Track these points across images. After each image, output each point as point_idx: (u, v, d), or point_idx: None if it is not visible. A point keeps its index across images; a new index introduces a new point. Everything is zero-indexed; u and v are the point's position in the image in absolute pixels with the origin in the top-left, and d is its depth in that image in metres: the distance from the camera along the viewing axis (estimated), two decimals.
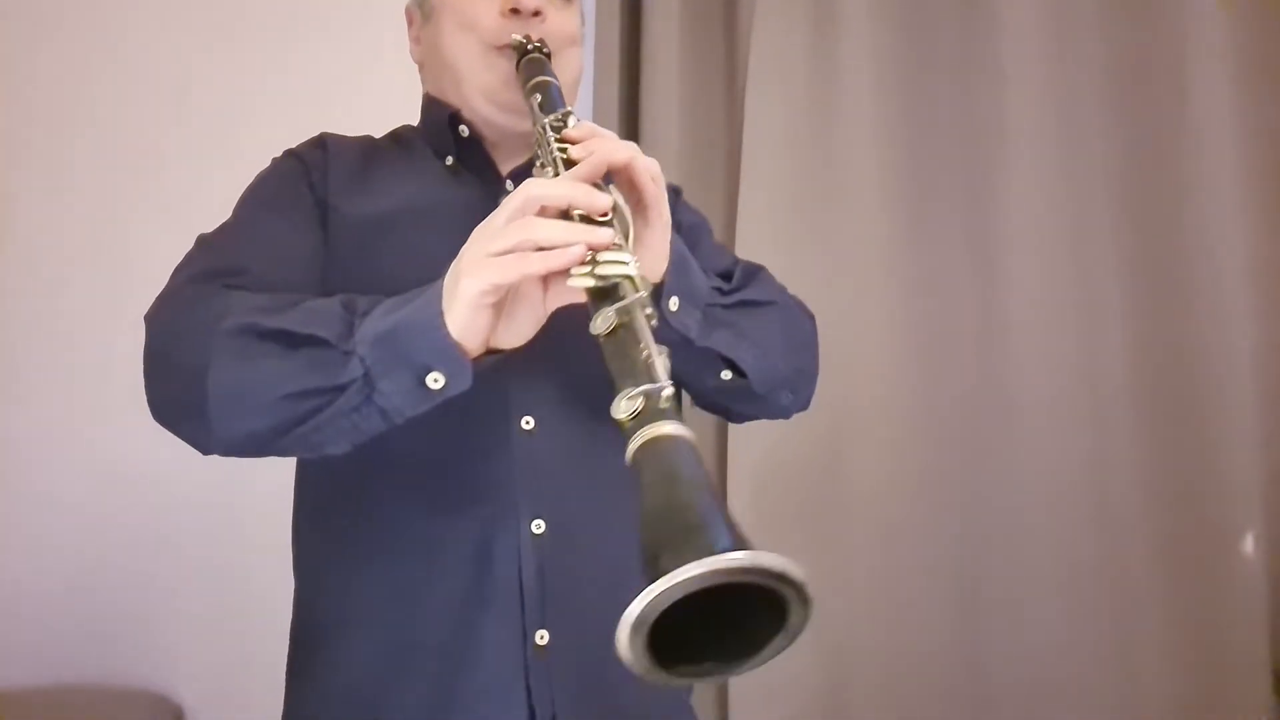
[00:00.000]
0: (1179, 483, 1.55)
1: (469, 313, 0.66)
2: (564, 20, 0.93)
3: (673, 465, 0.53)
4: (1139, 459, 1.57)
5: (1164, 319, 1.59)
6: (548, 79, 0.85)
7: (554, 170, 0.74)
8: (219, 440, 0.72)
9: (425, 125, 0.99)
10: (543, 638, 0.80)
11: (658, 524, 0.50)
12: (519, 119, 0.90)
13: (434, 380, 0.67)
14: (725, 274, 0.90)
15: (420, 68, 1.00)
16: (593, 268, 0.65)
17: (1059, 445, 1.58)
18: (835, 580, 1.58)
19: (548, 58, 0.88)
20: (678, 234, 0.96)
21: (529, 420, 0.83)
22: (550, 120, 0.79)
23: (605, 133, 0.76)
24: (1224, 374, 1.54)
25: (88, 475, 1.64)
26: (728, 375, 0.84)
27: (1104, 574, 1.55)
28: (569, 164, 0.74)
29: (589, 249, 0.65)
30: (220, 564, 1.63)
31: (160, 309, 0.78)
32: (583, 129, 0.76)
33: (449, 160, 0.94)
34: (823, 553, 1.59)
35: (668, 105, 1.73)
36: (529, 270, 0.65)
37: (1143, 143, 1.62)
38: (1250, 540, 1.51)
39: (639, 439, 0.55)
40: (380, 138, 1.00)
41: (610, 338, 0.62)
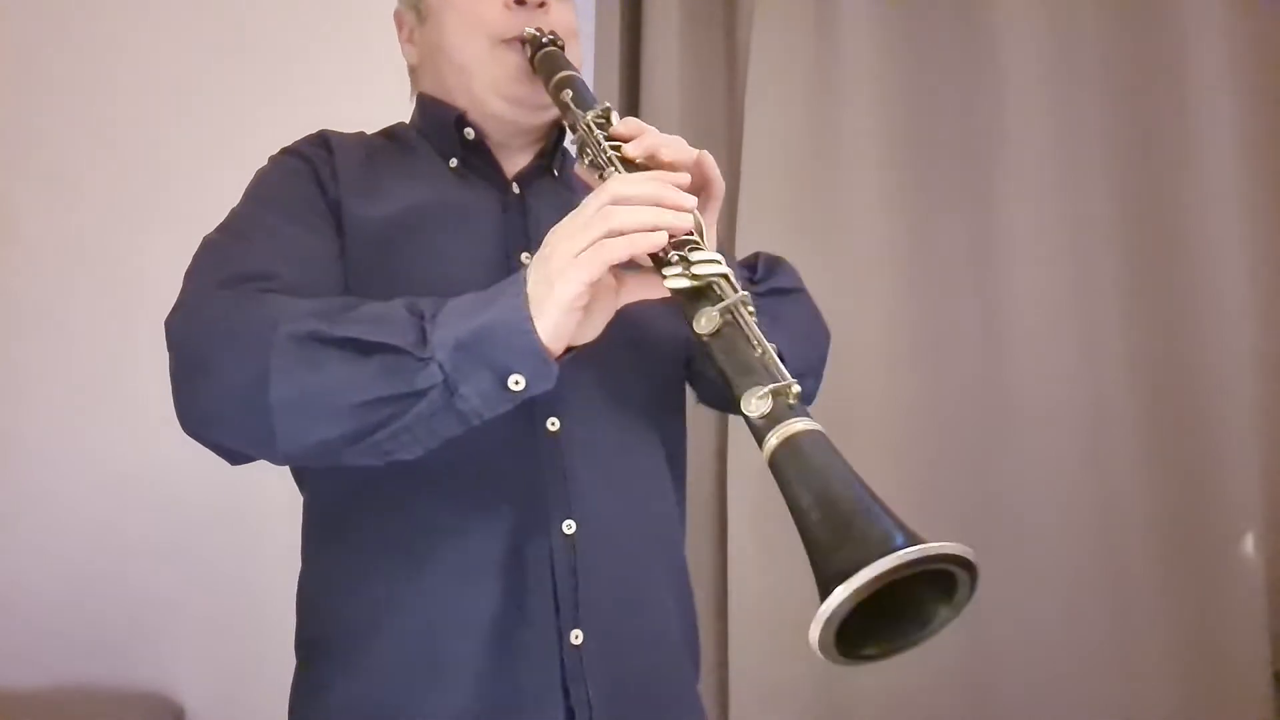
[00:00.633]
0: (1179, 484, 1.55)
1: (562, 316, 0.66)
2: (565, 11, 0.93)
3: (823, 461, 0.54)
4: (1139, 460, 1.57)
5: (1164, 321, 1.59)
6: (572, 73, 0.84)
7: (613, 169, 0.74)
8: (283, 451, 0.70)
9: (426, 126, 0.97)
10: (577, 637, 0.80)
11: (825, 521, 0.50)
12: (529, 113, 0.91)
13: (515, 382, 0.67)
14: (748, 264, 0.90)
15: (413, 70, 0.99)
16: (686, 267, 0.65)
17: (1059, 447, 1.59)
18: None
19: (561, 49, 0.88)
20: None
21: (554, 422, 0.83)
22: (592, 118, 0.79)
23: (651, 129, 0.76)
24: (1223, 375, 1.54)
25: (91, 476, 1.64)
26: None
27: (1104, 575, 1.55)
28: (627, 163, 0.74)
29: (671, 235, 0.66)
30: (223, 565, 1.63)
31: (190, 317, 0.75)
32: (630, 125, 0.77)
33: (453, 163, 0.93)
34: None
35: (668, 105, 1.73)
36: (613, 256, 0.66)
37: (1142, 145, 1.63)
38: (1250, 540, 1.51)
39: (776, 436, 0.55)
40: (375, 135, 0.98)
41: (716, 337, 0.63)
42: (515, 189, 0.92)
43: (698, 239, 0.68)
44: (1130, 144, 1.63)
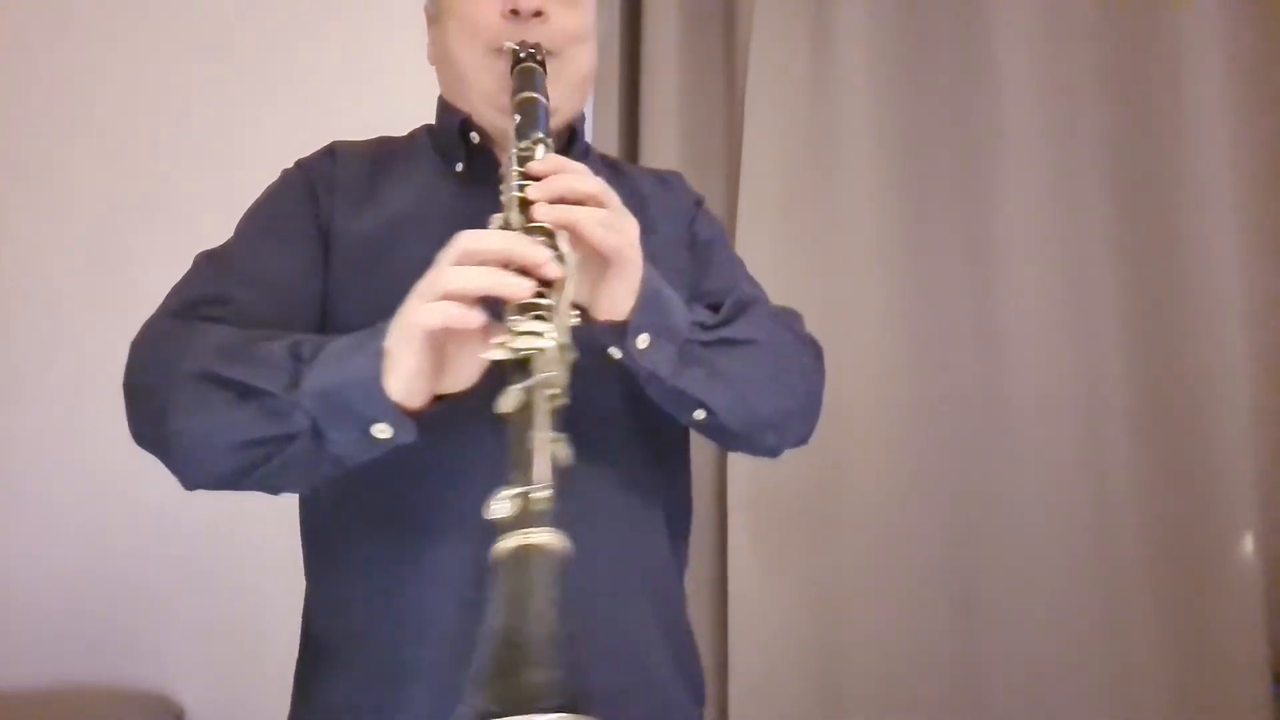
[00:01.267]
0: (1175, 483, 1.56)
1: (410, 378, 0.65)
2: (569, 18, 0.91)
3: (530, 588, 0.52)
4: (1135, 460, 1.58)
5: (1160, 320, 1.59)
6: (534, 96, 0.82)
7: (512, 210, 0.71)
8: (188, 479, 0.76)
9: (438, 129, 0.97)
10: None
11: (502, 649, 0.50)
12: None
13: (380, 430, 0.67)
14: (716, 305, 0.86)
15: (437, 70, 0.99)
16: (509, 338, 0.62)
17: (1055, 447, 1.59)
18: (832, 580, 1.58)
19: (542, 64, 0.86)
20: (691, 250, 0.94)
21: None
22: (518, 150, 0.76)
23: (570, 169, 0.73)
24: (1220, 374, 1.54)
25: (90, 476, 1.64)
26: (701, 414, 0.81)
27: (1101, 574, 1.55)
28: (523, 204, 0.71)
29: (508, 300, 0.63)
30: (223, 565, 1.63)
31: (139, 340, 0.80)
32: (547, 163, 0.73)
33: (459, 167, 0.93)
34: (819, 553, 1.59)
35: (667, 108, 1.73)
36: (430, 324, 0.63)
37: (1138, 145, 1.63)
38: (1248, 540, 1.51)
39: (508, 541, 0.54)
40: (395, 139, 0.99)
41: (513, 418, 0.59)
42: None
43: (546, 303, 0.64)
44: (1125, 144, 1.64)
